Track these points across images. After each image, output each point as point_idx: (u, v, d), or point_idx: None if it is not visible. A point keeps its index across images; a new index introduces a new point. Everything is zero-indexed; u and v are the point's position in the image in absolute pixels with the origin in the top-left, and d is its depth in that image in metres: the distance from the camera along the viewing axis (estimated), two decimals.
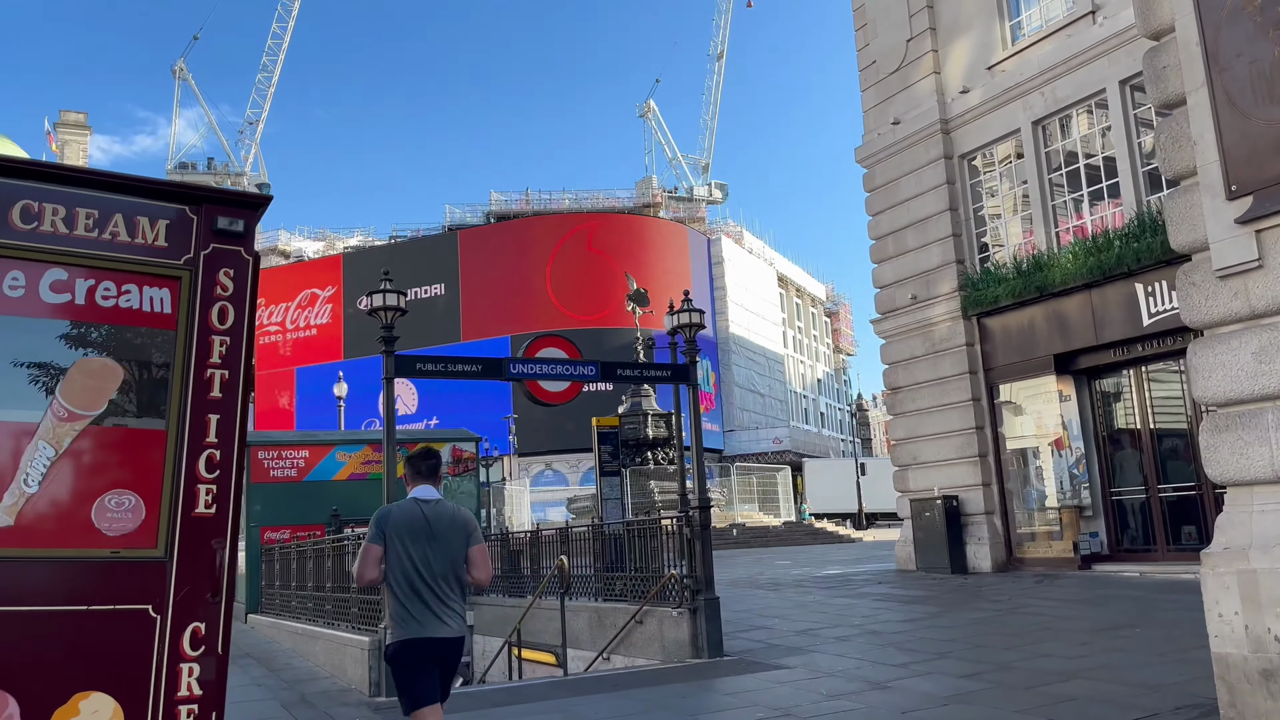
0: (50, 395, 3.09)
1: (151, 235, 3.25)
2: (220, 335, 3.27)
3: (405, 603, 5.11)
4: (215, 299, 3.29)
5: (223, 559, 3.17)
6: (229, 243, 3.33)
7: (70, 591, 3.02)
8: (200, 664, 3.09)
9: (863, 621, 12.06)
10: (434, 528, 5.22)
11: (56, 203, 3.15)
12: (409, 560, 5.12)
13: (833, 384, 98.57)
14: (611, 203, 73.38)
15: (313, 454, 16.68)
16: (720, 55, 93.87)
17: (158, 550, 3.11)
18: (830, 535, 36.78)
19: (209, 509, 3.17)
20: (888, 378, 19.94)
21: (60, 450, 3.06)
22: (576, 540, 13.33)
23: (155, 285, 3.25)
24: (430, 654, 5.11)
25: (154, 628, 3.06)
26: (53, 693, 2.93)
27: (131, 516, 3.11)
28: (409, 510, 5.27)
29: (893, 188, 19.78)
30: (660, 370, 11.85)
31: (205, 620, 3.12)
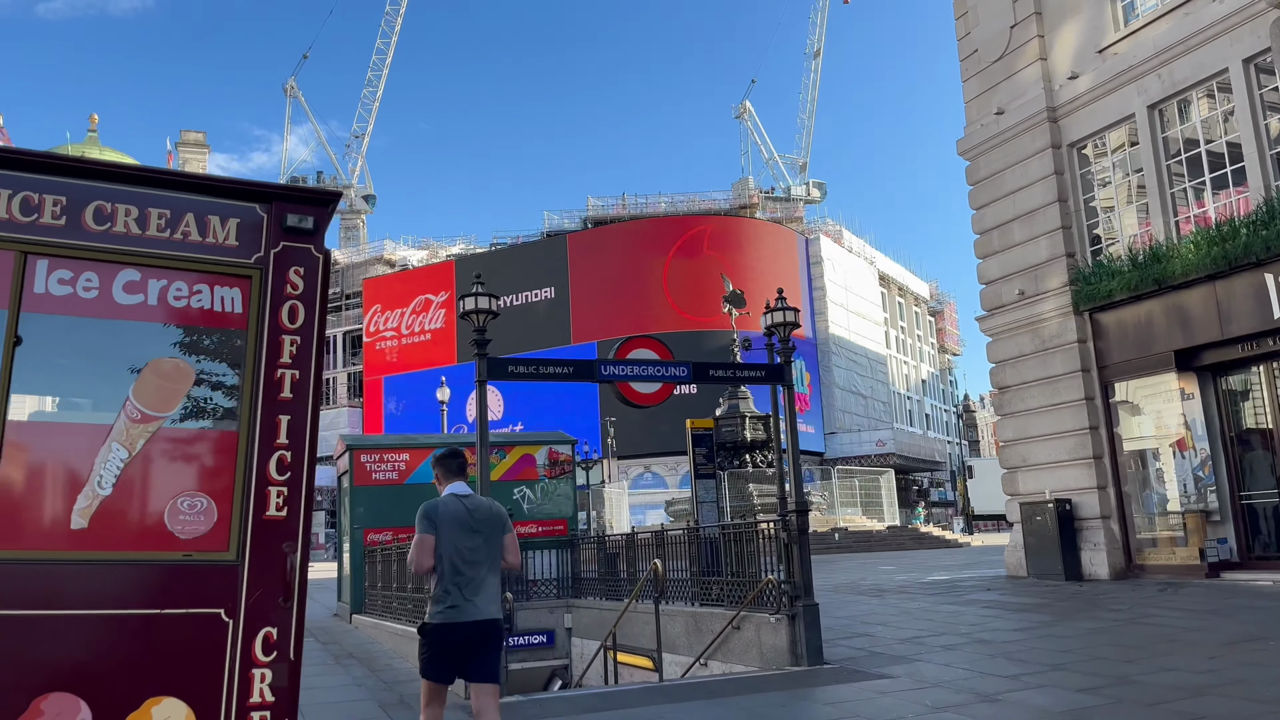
0: (124, 397, 3.07)
1: (223, 234, 3.22)
2: (291, 335, 3.22)
3: (450, 588, 5.56)
4: (285, 298, 3.24)
5: (294, 562, 3.10)
6: (299, 240, 3.28)
7: (142, 595, 2.99)
8: (273, 670, 3.03)
9: (970, 630, 11.57)
10: (475, 519, 5.72)
11: (129, 203, 3.14)
12: (454, 549, 5.60)
13: (938, 385, 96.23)
14: (707, 205, 73.10)
15: (413, 457, 16.92)
16: (817, 53, 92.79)
17: (229, 553, 3.07)
18: (936, 540, 35.79)
19: (280, 511, 3.11)
20: (995, 377, 19.23)
21: (133, 452, 3.05)
22: (672, 543, 13.17)
23: (226, 285, 3.22)
24: (467, 637, 5.54)
25: (226, 632, 3.01)
26: (125, 698, 2.90)
27: (204, 519, 3.08)
28: (452, 505, 5.75)
29: (997, 180, 19.07)
30: (753, 371, 11.60)
31: (277, 625, 3.06)
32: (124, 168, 3.15)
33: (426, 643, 5.61)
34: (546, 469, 17.40)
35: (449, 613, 5.52)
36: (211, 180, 3.24)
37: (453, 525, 5.66)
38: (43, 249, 3.02)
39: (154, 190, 3.17)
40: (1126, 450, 16.87)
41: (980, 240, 19.55)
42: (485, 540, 5.73)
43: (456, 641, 5.54)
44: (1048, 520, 16.87)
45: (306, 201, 3.31)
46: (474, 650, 5.59)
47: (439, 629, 5.53)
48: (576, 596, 15.97)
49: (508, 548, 5.87)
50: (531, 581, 16.01)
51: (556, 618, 15.95)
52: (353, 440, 18.47)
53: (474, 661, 5.63)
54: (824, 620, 12.45)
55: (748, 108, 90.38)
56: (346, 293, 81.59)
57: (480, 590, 5.62)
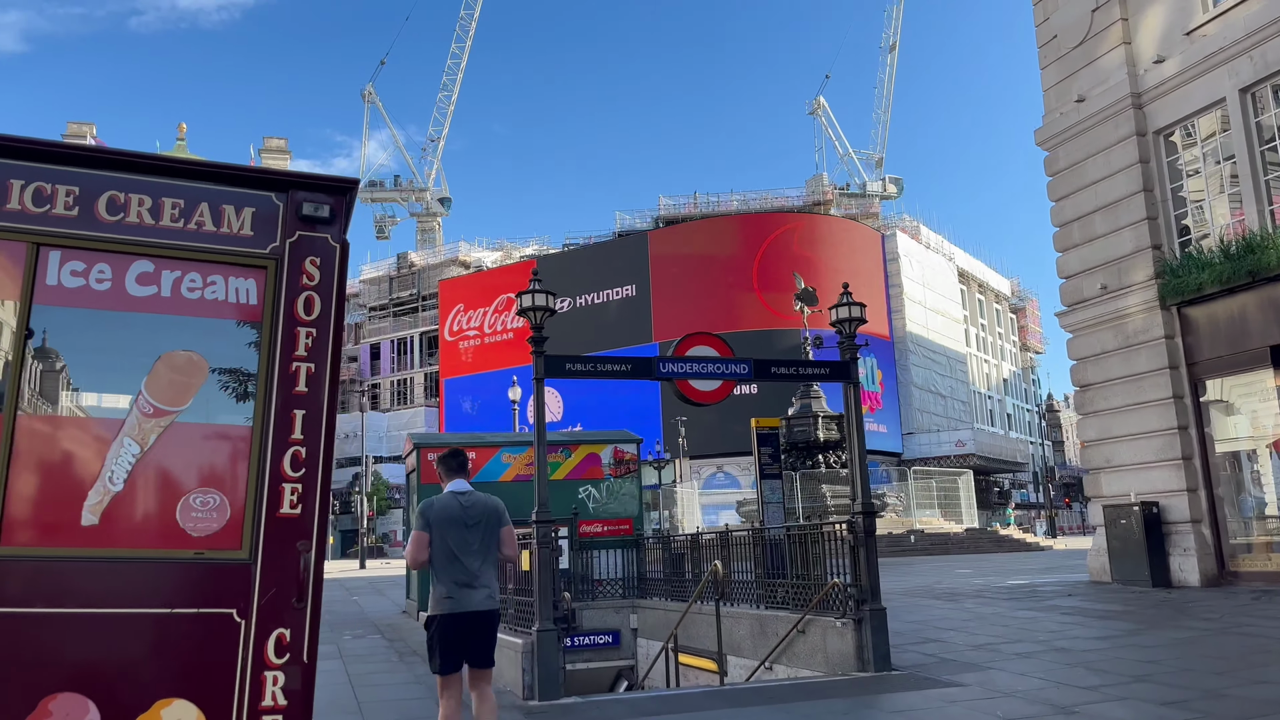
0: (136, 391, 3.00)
1: (237, 224, 3.14)
2: (306, 327, 3.12)
3: (446, 581, 5.91)
4: (301, 289, 3.14)
5: (308, 562, 2.99)
6: (315, 229, 3.18)
7: (153, 594, 2.91)
8: (285, 672, 2.93)
9: (1049, 637, 11.10)
10: (469, 516, 6.00)
11: (142, 193, 3.07)
12: (450, 544, 5.91)
13: (1020, 384, 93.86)
14: (780, 202, 72.42)
15: (479, 455, 16.91)
16: (893, 47, 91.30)
17: (242, 552, 2.97)
18: (1017, 543, 34.80)
19: (294, 509, 3.01)
20: (1076, 374, 18.54)
21: (145, 447, 2.97)
22: (737, 544, 12.94)
23: (241, 276, 3.13)
24: (465, 626, 5.90)
25: (238, 633, 2.92)
26: (134, 699, 2.83)
27: (216, 516, 2.99)
28: (447, 502, 6.05)
29: (1078, 170, 18.38)
30: (817, 368, 11.28)
31: (290, 626, 2.96)
32: (137, 156, 3.07)
33: (432, 635, 5.97)
34: (612, 468, 17.28)
35: (448, 604, 5.88)
36: (225, 168, 3.15)
37: (446, 521, 5.96)
38: (55, 240, 2.97)
39: (167, 179, 3.09)
40: (1219, 451, 16.09)
41: (1059, 233, 18.87)
42: (480, 535, 5.99)
43: (458, 631, 5.89)
44: (1133, 524, 16.19)
45: (322, 189, 3.20)
46: (473, 638, 5.95)
47: (442, 620, 5.90)
48: (642, 597, 15.83)
49: (504, 541, 6.13)
50: (597, 581, 15.91)
51: (622, 618, 15.82)
52: (420, 438, 18.59)
53: (472, 647, 5.99)
54: (894, 625, 12.08)
55: (822, 103, 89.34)
56: (423, 294, 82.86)
57: (476, 582, 5.94)
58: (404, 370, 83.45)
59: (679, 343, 9.87)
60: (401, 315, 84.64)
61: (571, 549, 15.64)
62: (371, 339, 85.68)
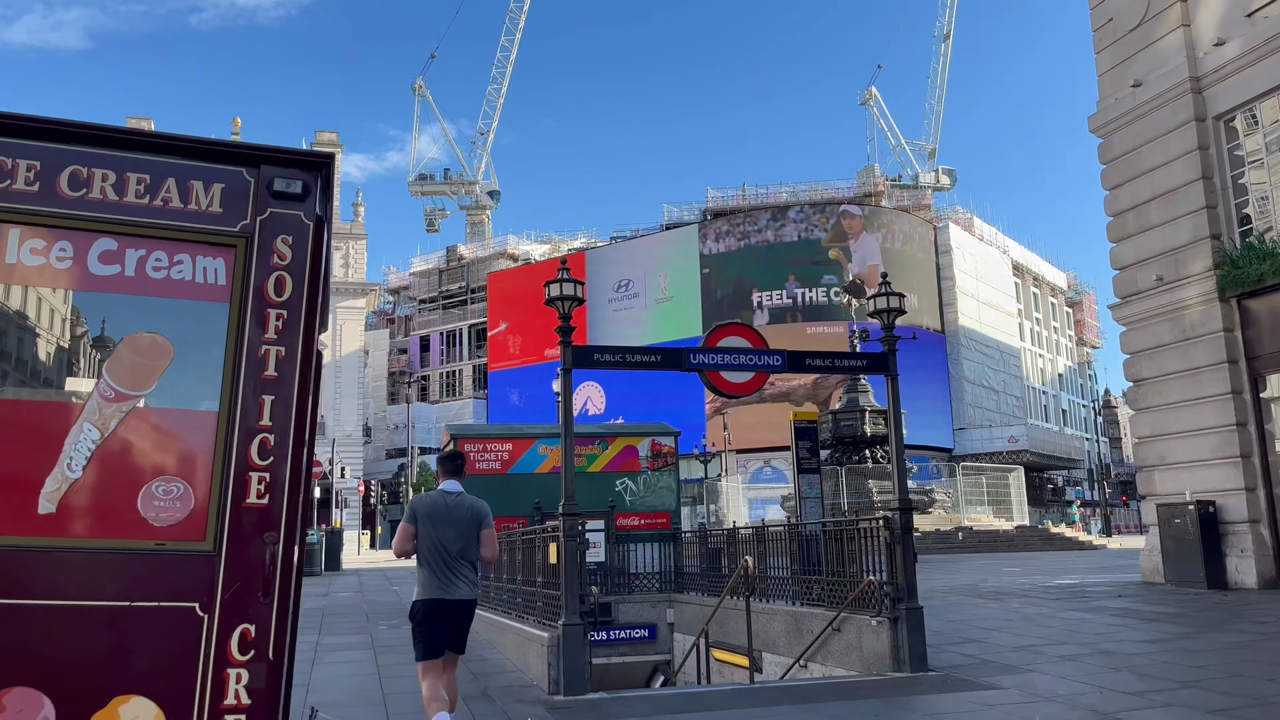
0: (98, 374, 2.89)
1: (205, 200, 3.00)
2: (277, 309, 2.97)
3: (428, 571, 6.45)
4: (272, 269, 2.99)
5: (276, 554, 2.85)
6: (288, 206, 3.03)
7: (112, 586, 2.79)
8: (249, 670, 2.79)
9: (1094, 639, 10.72)
10: (452, 514, 6.54)
11: (106, 168, 2.94)
12: (431, 538, 6.46)
13: (1076, 379, 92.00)
14: (830, 193, 71.59)
15: (516, 447, 16.86)
16: (947, 36, 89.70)
17: (205, 543, 2.84)
18: (1069, 541, 33.99)
19: (261, 499, 2.87)
20: (1129, 369, 17.96)
21: (106, 433, 2.86)
22: (773, 540, 12.70)
23: (209, 254, 3.00)
24: (444, 612, 6.44)
25: (200, 628, 2.79)
26: (90, 695, 2.71)
27: (179, 506, 2.86)
28: (435, 499, 6.63)
29: (1133, 157, 17.78)
30: (855, 360, 10.98)
31: (255, 622, 2.82)
32: (100, 129, 2.95)
33: (416, 623, 6.52)
34: (649, 461, 17.10)
35: (430, 591, 6.45)
36: (193, 142, 3.02)
37: (431, 517, 6.51)
38: (15, 217, 2.86)
39: (133, 154, 2.97)
40: (1279, 449, 15.48)
41: (1114, 223, 18.29)
42: (459, 533, 6.51)
43: (442, 616, 6.45)
44: (1188, 523, 15.64)
45: (296, 164, 3.06)
46: (452, 625, 6.51)
47: (426, 605, 6.47)
48: (679, 591, 15.64)
49: (484, 542, 6.61)
50: (633, 575, 15.76)
51: (659, 612, 15.66)
52: (457, 429, 18.60)
53: (451, 635, 6.53)
54: (935, 624, 11.78)
55: (874, 94, 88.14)
56: (472, 287, 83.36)
57: (456, 574, 6.47)
58: (452, 362, 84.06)
59: (710, 333, 9.65)
60: (450, 308, 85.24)
61: (608, 542, 15.51)
62: (420, 331, 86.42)
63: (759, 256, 65.04)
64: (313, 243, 3.03)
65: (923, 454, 56.96)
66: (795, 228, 65.68)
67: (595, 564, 15.39)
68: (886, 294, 10.09)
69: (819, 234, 65.10)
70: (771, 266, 64.36)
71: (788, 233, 65.58)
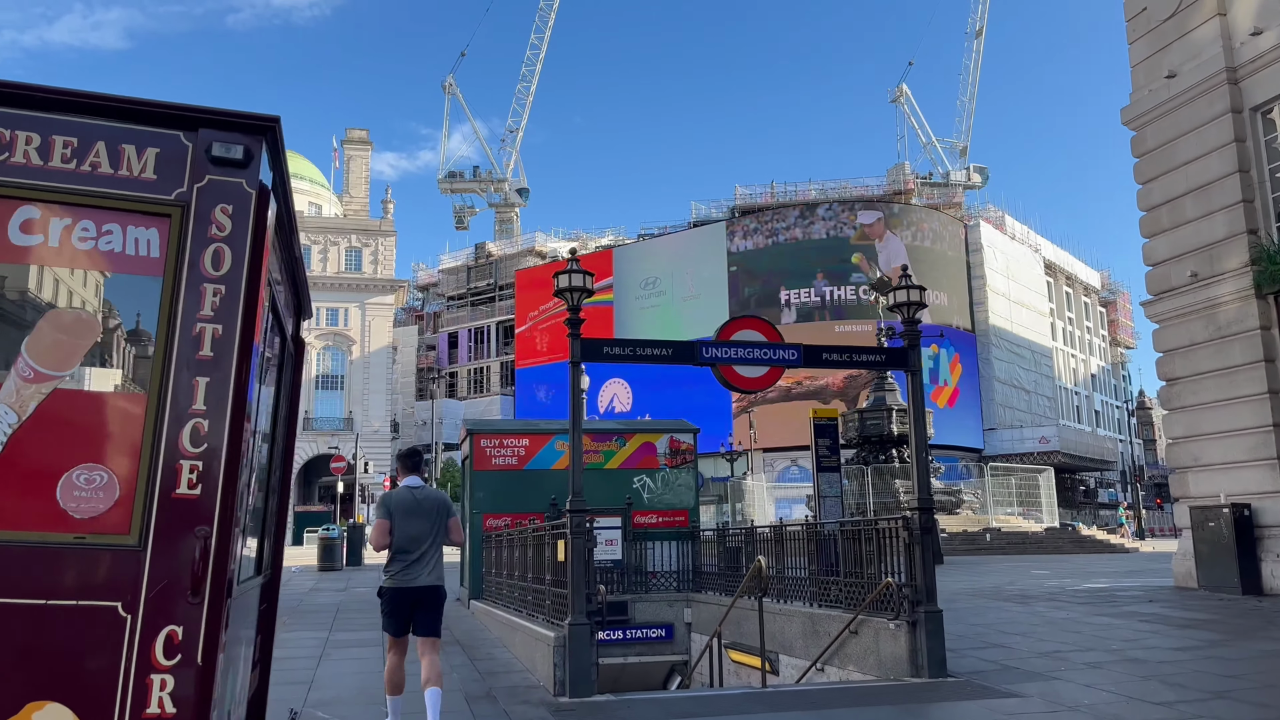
0: (15, 352, 2.67)
1: (138, 166, 2.77)
2: (214, 283, 2.74)
3: (400, 561, 7.02)
4: (210, 240, 2.76)
5: (208, 550, 2.62)
6: (229, 173, 2.80)
7: (27, 582, 2.57)
8: (175, 676, 2.56)
9: (1123, 646, 10.36)
10: (421, 508, 7.12)
11: (30, 130, 2.72)
12: (404, 531, 7.02)
13: (1109, 380, 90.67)
14: (860, 191, 71.01)
15: (532, 442, 16.66)
16: (979, 32, 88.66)
17: (130, 537, 2.61)
18: (1099, 544, 33.34)
19: (193, 490, 2.64)
20: (1162, 368, 17.48)
21: (24, 416, 2.64)
22: (790, 539, 12.41)
23: (141, 224, 2.77)
24: (414, 598, 7.05)
25: (123, 630, 2.56)
26: (1, 701, 2.49)
27: (103, 496, 2.64)
28: (404, 495, 7.18)
29: (1167, 150, 17.30)
30: (874, 355, 10.66)
31: (184, 624, 2.58)
32: (24, 88, 2.73)
33: (383, 603, 7.16)
34: (667, 458, 16.82)
35: (399, 579, 7.03)
36: (125, 102, 2.79)
37: (402, 511, 7.08)
38: None
39: (59, 115, 2.75)
40: None
41: (1147, 218, 17.80)
42: (430, 524, 7.11)
43: (405, 602, 7.03)
44: (1222, 527, 15.18)
45: (237, 128, 2.83)
46: (419, 609, 7.08)
47: (392, 591, 7.06)
48: (697, 591, 15.38)
49: (451, 529, 7.27)
50: (651, 574, 15.50)
51: (676, 612, 15.40)
52: (473, 424, 18.42)
53: (418, 618, 7.10)
54: (957, 628, 11.45)
55: (904, 91, 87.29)
56: (500, 284, 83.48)
57: (424, 562, 7.06)
58: (480, 359, 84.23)
59: (723, 327, 9.37)
60: (479, 305, 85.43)
61: (625, 540, 15.26)
62: (449, 328, 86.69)
63: (787, 254, 64.52)
64: (255, 213, 2.80)
65: (951, 454, 56.28)
66: (824, 225, 65.08)
67: (612, 562, 15.16)
68: (907, 286, 9.78)
69: (848, 231, 64.49)
70: (799, 264, 63.83)
71: (816, 230, 65.01)
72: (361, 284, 73.80)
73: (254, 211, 2.80)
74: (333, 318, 73.32)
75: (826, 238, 64.57)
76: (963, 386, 63.22)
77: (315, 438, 69.27)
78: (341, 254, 74.14)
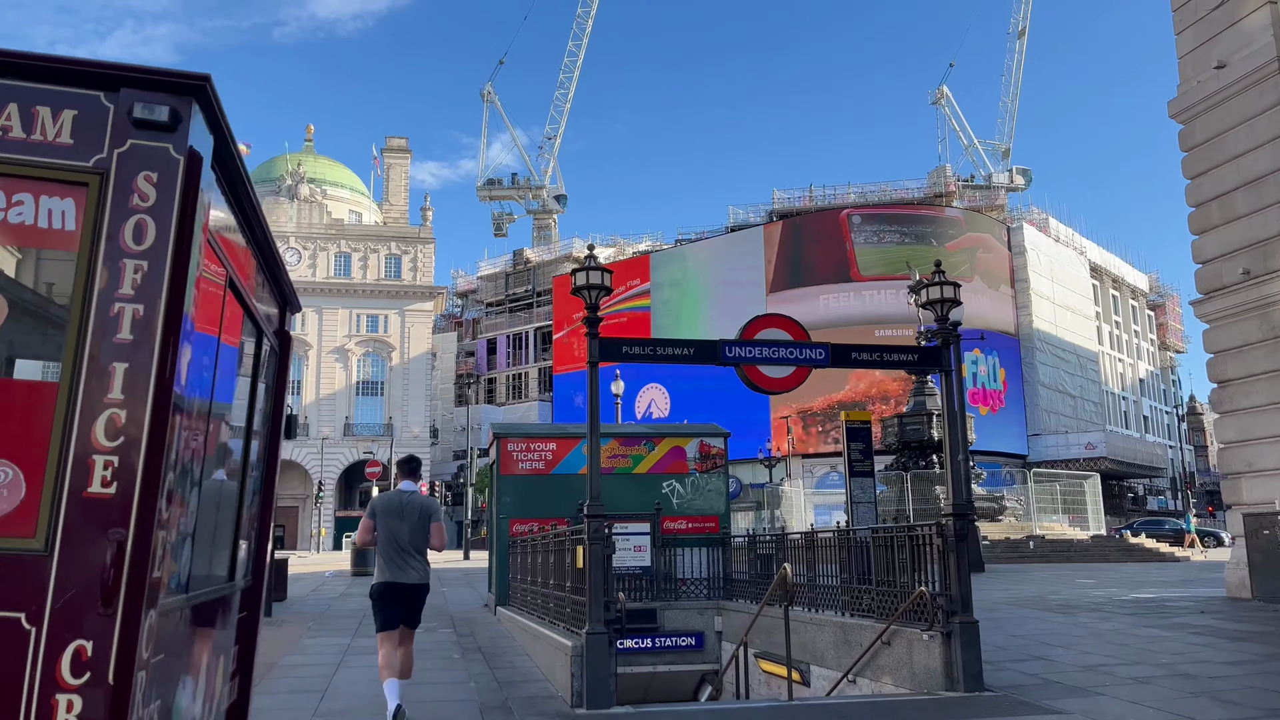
0: None
1: (53, 130, 2.50)
2: (135, 259, 2.45)
3: (384, 559, 7.60)
4: (131, 211, 2.47)
5: (123, 557, 2.34)
6: (153, 137, 2.52)
7: None
8: (84, 696, 2.27)
9: (1172, 660, 9.84)
10: (405, 511, 7.67)
11: None
12: (387, 532, 7.58)
13: (1158, 385, 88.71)
14: (900, 194, 70.14)
15: (560, 447, 16.38)
16: (1022, 32, 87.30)
17: (36, 541, 2.34)
18: (1148, 552, 32.37)
19: (107, 488, 2.35)
20: (1213, 369, 16.83)
21: None
22: (822, 546, 12.01)
23: (56, 194, 2.49)
24: (399, 594, 7.63)
25: (26, 644, 2.29)
26: None
27: (7, 495, 2.37)
28: (391, 498, 7.79)
29: (1217, 144, 16.67)
30: (905, 354, 10.26)
31: (94, 638, 2.30)
32: None
33: (375, 602, 7.72)
34: (697, 462, 16.45)
35: (385, 575, 7.61)
36: (39, 60, 2.53)
37: (387, 513, 7.63)
38: None
39: None
40: None
41: (1196, 214, 17.17)
42: (410, 526, 7.61)
43: (396, 597, 7.61)
44: (1277, 534, 14.52)
45: (163, 87, 2.56)
46: (404, 605, 7.68)
47: (384, 587, 7.63)
48: (728, 599, 14.99)
49: (432, 534, 7.75)
50: (680, 580, 15.14)
51: (706, 620, 15.03)
52: (501, 429, 18.17)
53: (403, 613, 7.71)
54: (997, 639, 11.00)
55: (945, 92, 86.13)
56: (538, 290, 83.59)
57: (406, 562, 7.59)
58: (519, 365, 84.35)
59: (747, 325, 9.03)
60: (517, 311, 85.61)
61: (654, 546, 14.93)
62: (488, 334, 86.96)
63: None
64: (184, 181, 2.51)
65: (994, 460, 55.29)
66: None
67: (641, 569, 14.85)
68: (940, 283, 9.37)
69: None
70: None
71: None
72: (401, 291, 74.23)
73: (183, 179, 2.51)
74: (372, 324, 73.83)
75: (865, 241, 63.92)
76: (1006, 391, 62.13)
77: (355, 443, 69.75)
78: (381, 261, 74.65)
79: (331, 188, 79.46)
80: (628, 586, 14.70)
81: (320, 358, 72.07)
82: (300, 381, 71.08)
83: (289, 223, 73.16)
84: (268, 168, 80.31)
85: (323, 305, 72.28)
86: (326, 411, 71.16)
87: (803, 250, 64.57)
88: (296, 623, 14.91)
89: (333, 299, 72.78)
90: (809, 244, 64.60)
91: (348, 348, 73.11)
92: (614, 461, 15.95)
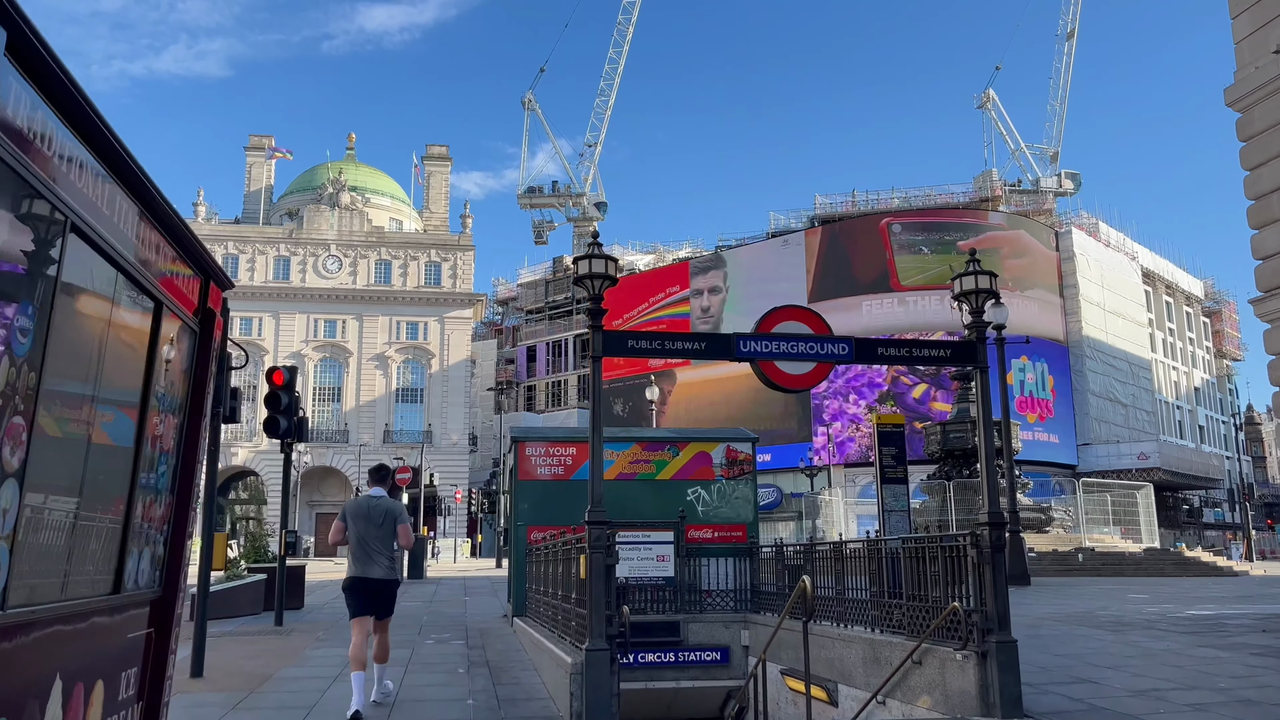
0: None
1: None
2: None
3: (353, 557, 8.58)
4: None
5: None
6: None
7: None
8: None
9: (1232, 684, 9.00)
10: (372, 514, 8.52)
11: None
12: (358, 533, 8.50)
13: (1214, 394, 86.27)
14: (944, 199, 68.83)
15: (580, 451, 15.76)
16: (1071, 34, 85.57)
17: None
18: (1205, 566, 31.01)
19: None
20: (1275, 372, 15.81)
21: None
22: (851, 558, 11.29)
23: None
24: (365, 587, 8.53)
25: None
26: None
27: None
28: (360, 503, 8.70)
29: (1277, 132, 15.68)
30: (936, 349, 9.54)
31: None
32: None
33: (346, 594, 8.63)
34: (724, 469, 15.75)
35: (353, 571, 8.58)
36: None
37: (357, 516, 8.52)
38: None
39: None
40: None
41: (1255, 207, 16.18)
42: (378, 528, 8.50)
43: (362, 589, 8.50)
44: None
45: None
46: (373, 598, 8.56)
47: (352, 580, 8.59)
48: (755, 611, 14.30)
49: (399, 535, 8.62)
50: (705, 592, 14.46)
51: (732, 633, 14.34)
52: (519, 432, 17.62)
53: (372, 605, 8.56)
54: (1039, 658, 10.24)
55: (991, 96, 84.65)
56: (577, 298, 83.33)
57: (372, 560, 8.52)
58: (558, 372, 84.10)
59: (763, 318, 8.37)
60: (557, 318, 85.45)
61: (677, 555, 14.28)
62: (527, 341, 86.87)
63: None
64: None
65: (1042, 470, 53.85)
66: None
67: (664, 579, 14.22)
68: (975, 273, 8.66)
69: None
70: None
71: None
72: (440, 298, 74.29)
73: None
74: (412, 331, 73.97)
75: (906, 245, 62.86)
76: (1055, 400, 60.60)
77: (395, 450, 69.83)
78: (421, 268, 74.80)
79: (373, 195, 79.85)
80: (650, 598, 14.07)
81: (360, 365, 72.30)
82: (341, 388, 71.38)
83: (330, 230, 73.58)
84: (309, 176, 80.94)
85: (363, 312, 72.57)
86: (366, 418, 71.33)
87: (844, 257, 63.59)
88: (306, 632, 14.45)
89: (373, 306, 73.06)
90: (850, 251, 63.59)
91: (388, 355, 73.27)
92: (636, 467, 15.33)
